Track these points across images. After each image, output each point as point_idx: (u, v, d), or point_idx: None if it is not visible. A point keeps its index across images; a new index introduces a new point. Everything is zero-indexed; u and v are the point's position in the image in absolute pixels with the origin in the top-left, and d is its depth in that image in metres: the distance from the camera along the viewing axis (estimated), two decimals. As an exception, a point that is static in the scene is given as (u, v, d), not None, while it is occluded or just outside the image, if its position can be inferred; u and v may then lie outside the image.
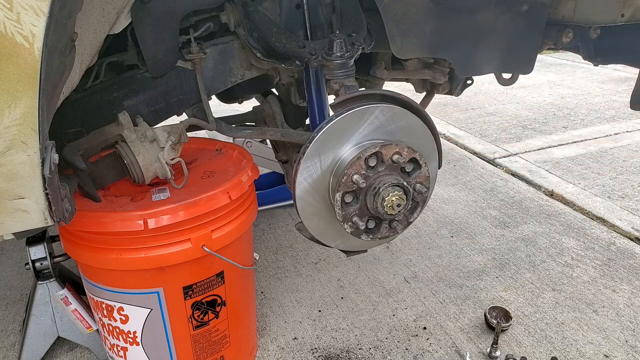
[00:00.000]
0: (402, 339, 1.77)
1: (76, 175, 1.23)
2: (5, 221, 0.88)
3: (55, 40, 0.81)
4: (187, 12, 1.33)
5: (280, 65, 1.39)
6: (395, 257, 2.24)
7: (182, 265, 1.30)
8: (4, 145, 0.80)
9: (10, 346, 1.81)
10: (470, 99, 4.61)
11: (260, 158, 2.39)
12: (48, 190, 0.86)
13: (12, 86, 0.77)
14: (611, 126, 3.79)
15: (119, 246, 1.25)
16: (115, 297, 1.34)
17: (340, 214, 1.18)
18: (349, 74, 1.37)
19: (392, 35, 1.41)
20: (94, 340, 1.67)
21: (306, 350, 1.74)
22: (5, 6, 0.72)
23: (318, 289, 2.05)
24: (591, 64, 1.93)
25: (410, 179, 1.22)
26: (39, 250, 1.59)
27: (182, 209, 1.24)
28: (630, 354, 1.66)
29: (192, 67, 1.41)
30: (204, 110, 1.48)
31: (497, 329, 1.64)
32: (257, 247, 2.36)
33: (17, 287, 2.14)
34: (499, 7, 1.51)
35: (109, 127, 1.29)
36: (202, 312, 1.40)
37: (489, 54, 1.58)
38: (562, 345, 1.71)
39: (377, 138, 1.22)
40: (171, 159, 1.34)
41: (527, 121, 4.01)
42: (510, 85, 1.88)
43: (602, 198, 2.71)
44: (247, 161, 1.50)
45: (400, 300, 1.96)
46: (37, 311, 1.62)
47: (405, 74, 1.79)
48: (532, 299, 1.94)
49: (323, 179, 1.22)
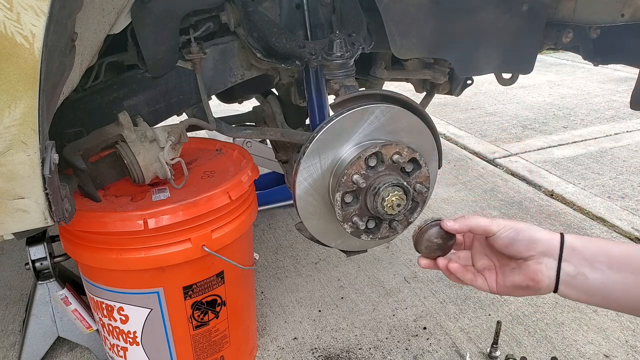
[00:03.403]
0: (402, 339, 1.77)
1: (76, 175, 1.23)
2: (5, 221, 0.88)
3: (55, 40, 0.81)
4: (187, 12, 1.33)
5: (280, 65, 1.39)
6: (395, 257, 2.24)
7: (182, 265, 1.30)
8: (4, 145, 0.80)
9: (10, 346, 1.81)
10: (470, 99, 4.60)
11: (260, 158, 2.39)
12: (48, 190, 0.86)
13: (12, 86, 0.77)
14: (611, 126, 3.79)
15: (119, 246, 1.25)
16: (115, 297, 1.34)
17: (340, 214, 1.18)
18: (349, 74, 1.37)
19: (392, 35, 1.41)
20: (94, 340, 1.67)
21: (306, 350, 1.74)
22: (5, 6, 0.72)
23: (318, 289, 2.05)
24: (591, 64, 1.93)
25: (410, 179, 1.22)
26: (39, 250, 1.59)
27: (182, 209, 1.23)
28: (630, 354, 1.66)
29: (192, 67, 1.41)
30: (204, 110, 1.47)
31: (497, 328, 1.64)
32: (257, 247, 2.36)
33: (17, 287, 2.14)
34: (499, 7, 1.51)
35: (109, 127, 1.29)
36: (202, 312, 1.40)
37: (489, 54, 1.58)
38: (562, 345, 1.71)
39: (377, 138, 1.22)
40: (171, 159, 1.34)
41: (527, 121, 4.01)
42: (510, 85, 1.88)
43: (602, 198, 2.71)
44: (247, 161, 1.50)
45: (400, 300, 1.96)
46: (37, 311, 1.62)
47: (405, 74, 1.79)
48: (532, 299, 1.93)
49: (323, 179, 1.22)
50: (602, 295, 0.79)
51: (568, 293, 0.81)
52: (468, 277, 0.92)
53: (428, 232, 0.94)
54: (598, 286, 0.78)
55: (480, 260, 0.94)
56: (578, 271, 0.79)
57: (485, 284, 0.91)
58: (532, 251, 0.83)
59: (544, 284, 0.82)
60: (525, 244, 0.84)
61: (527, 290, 0.85)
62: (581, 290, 0.80)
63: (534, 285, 0.83)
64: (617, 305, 0.79)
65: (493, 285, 0.90)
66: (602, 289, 0.78)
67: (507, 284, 0.88)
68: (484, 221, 0.88)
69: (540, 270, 0.82)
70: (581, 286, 0.80)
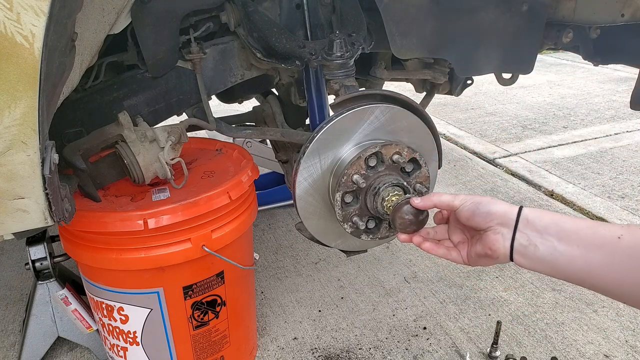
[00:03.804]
0: (402, 339, 1.77)
1: (76, 175, 1.23)
2: (5, 221, 0.88)
3: (55, 40, 0.81)
4: (187, 12, 1.33)
5: (280, 65, 1.39)
6: (395, 257, 2.24)
7: (182, 265, 1.30)
8: (4, 145, 0.80)
9: (10, 346, 1.81)
10: (470, 99, 4.61)
11: (260, 158, 2.39)
12: (48, 190, 0.86)
13: (12, 86, 0.77)
14: (611, 126, 3.79)
15: (119, 246, 1.25)
16: (115, 297, 1.34)
17: (340, 214, 1.18)
18: (349, 74, 1.37)
19: (392, 35, 1.41)
20: (94, 340, 1.67)
21: (306, 350, 1.74)
22: (5, 6, 0.72)
23: (318, 289, 2.05)
24: (591, 64, 1.93)
25: (410, 179, 1.22)
26: (39, 250, 1.59)
27: (182, 209, 1.24)
28: (630, 354, 1.66)
29: (192, 67, 1.41)
30: (204, 110, 1.48)
31: (497, 328, 1.64)
32: (257, 247, 2.36)
33: (17, 287, 2.14)
34: (499, 7, 1.51)
35: (109, 127, 1.29)
36: (202, 312, 1.40)
37: (489, 54, 1.58)
38: (562, 345, 1.71)
39: (377, 138, 1.22)
40: (171, 159, 1.34)
41: (527, 121, 4.01)
42: (510, 85, 1.88)
43: (602, 198, 2.71)
44: (247, 161, 1.50)
45: (400, 300, 1.96)
46: (37, 311, 1.62)
47: (405, 74, 1.79)
48: (532, 299, 1.94)
49: (323, 179, 1.22)
50: (550, 265, 0.83)
51: (522, 262, 0.86)
52: (441, 252, 0.99)
53: (400, 209, 1.01)
54: (547, 257, 0.83)
55: (454, 234, 1.00)
56: (530, 241, 0.84)
57: (459, 257, 0.97)
58: (491, 222, 0.88)
59: (500, 253, 0.87)
60: (484, 215, 0.89)
61: (487, 258, 0.90)
62: (532, 260, 0.84)
63: (492, 254, 0.88)
64: (563, 275, 0.83)
65: (465, 257, 0.96)
66: (550, 260, 0.82)
67: (473, 254, 0.94)
68: (447, 197, 0.96)
69: (497, 239, 0.87)
70: (532, 256, 0.84)
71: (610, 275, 0.76)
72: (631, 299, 0.77)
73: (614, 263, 0.76)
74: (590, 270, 0.78)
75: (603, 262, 0.77)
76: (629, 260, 0.74)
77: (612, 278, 0.76)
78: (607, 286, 0.78)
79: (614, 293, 0.78)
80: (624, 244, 0.75)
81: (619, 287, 0.76)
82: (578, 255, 0.79)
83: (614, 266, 0.76)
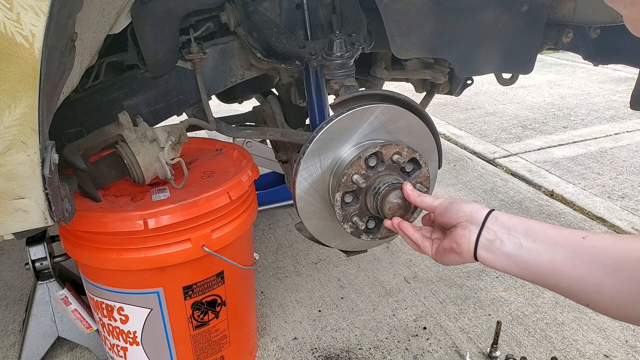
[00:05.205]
0: (402, 339, 1.77)
1: (76, 175, 1.23)
2: (5, 221, 0.88)
3: (55, 40, 0.81)
4: (187, 12, 1.33)
5: (280, 65, 1.39)
6: (395, 257, 2.24)
7: (182, 265, 1.30)
8: (4, 145, 0.80)
9: (10, 346, 1.81)
10: (470, 99, 4.60)
11: (260, 158, 2.39)
12: (48, 190, 0.86)
13: (12, 86, 0.77)
14: (611, 126, 3.79)
15: (119, 246, 1.25)
16: (115, 297, 1.34)
17: (340, 214, 1.18)
18: (349, 74, 1.37)
19: (392, 35, 1.41)
20: (94, 340, 1.67)
21: (306, 350, 1.74)
22: (5, 6, 0.72)
23: (318, 289, 2.05)
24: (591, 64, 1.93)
25: (410, 179, 1.22)
26: (39, 250, 1.59)
27: (182, 209, 1.23)
28: (630, 354, 1.66)
29: (192, 67, 1.41)
30: (204, 110, 1.48)
31: (497, 328, 1.64)
32: (257, 247, 2.36)
33: (17, 287, 2.14)
34: (499, 7, 1.51)
35: (109, 127, 1.29)
36: (202, 312, 1.40)
37: (489, 54, 1.58)
38: (562, 345, 1.71)
39: (377, 138, 1.22)
40: (171, 159, 1.34)
41: (527, 121, 4.01)
42: (510, 85, 1.88)
43: (602, 198, 2.71)
44: (247, 161, 1.50)
45: (400, 300, 1.96)
46: (37, 311, 1.62)
47: (405, 74, 1.79)
48: (532, 299, 1.94)
49: (323, 179, 1.22)
50: (515, 261, 0.84)
51: (486, 257, 0.87)
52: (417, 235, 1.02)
53: (390, 194, 1.07)
54: (513, 252, 0.84)
55: (435, 233, 1.03)
56: (496, 236, 0.86)
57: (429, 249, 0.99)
58: (460, 218, 0.91)
59: (464, 247, 0.89)
60: (455, 211, 0.93)
61: (452, 253, 0.92)
62: (498, 255, 0.86)
63: (456, 248, 0.90)
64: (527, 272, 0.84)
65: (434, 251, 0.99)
66: (516, 255, 0.84)
67: (440, 249, 0.96)
68: (429, 199, 1.02)
69: (464, 234, 0.89)
70: (497, 250, 0.85)
71: (573, 272, 0.78)
72: (592, 300, 0.78)
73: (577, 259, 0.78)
74: (554, 267, 0.80)
75: (566, 258, 0.79)
76: (592, 258, 0.76)
77: (574, 275, 0.78)
78: (570, 284, 0.79)
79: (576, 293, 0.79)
80: (587, 243, 0.78)
81: (581, 285, 0.78)
82: (543, 251, 0.81)
83: (577, 261, 0.78)
